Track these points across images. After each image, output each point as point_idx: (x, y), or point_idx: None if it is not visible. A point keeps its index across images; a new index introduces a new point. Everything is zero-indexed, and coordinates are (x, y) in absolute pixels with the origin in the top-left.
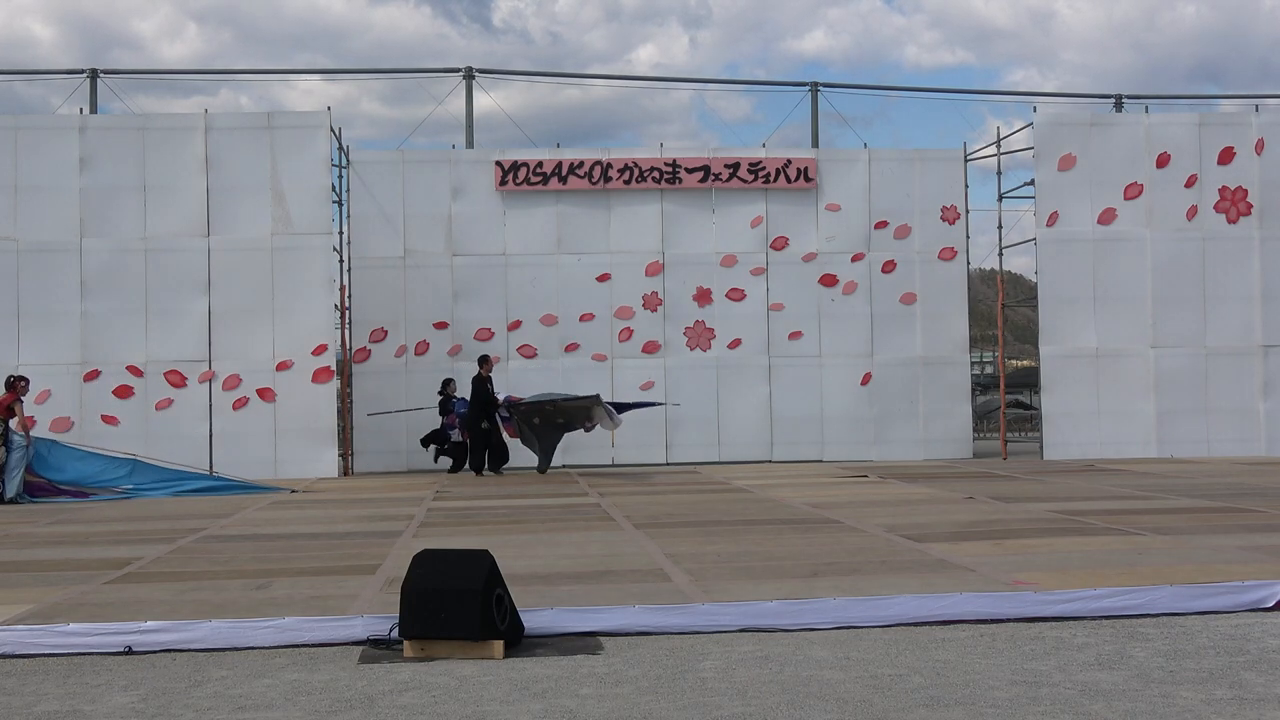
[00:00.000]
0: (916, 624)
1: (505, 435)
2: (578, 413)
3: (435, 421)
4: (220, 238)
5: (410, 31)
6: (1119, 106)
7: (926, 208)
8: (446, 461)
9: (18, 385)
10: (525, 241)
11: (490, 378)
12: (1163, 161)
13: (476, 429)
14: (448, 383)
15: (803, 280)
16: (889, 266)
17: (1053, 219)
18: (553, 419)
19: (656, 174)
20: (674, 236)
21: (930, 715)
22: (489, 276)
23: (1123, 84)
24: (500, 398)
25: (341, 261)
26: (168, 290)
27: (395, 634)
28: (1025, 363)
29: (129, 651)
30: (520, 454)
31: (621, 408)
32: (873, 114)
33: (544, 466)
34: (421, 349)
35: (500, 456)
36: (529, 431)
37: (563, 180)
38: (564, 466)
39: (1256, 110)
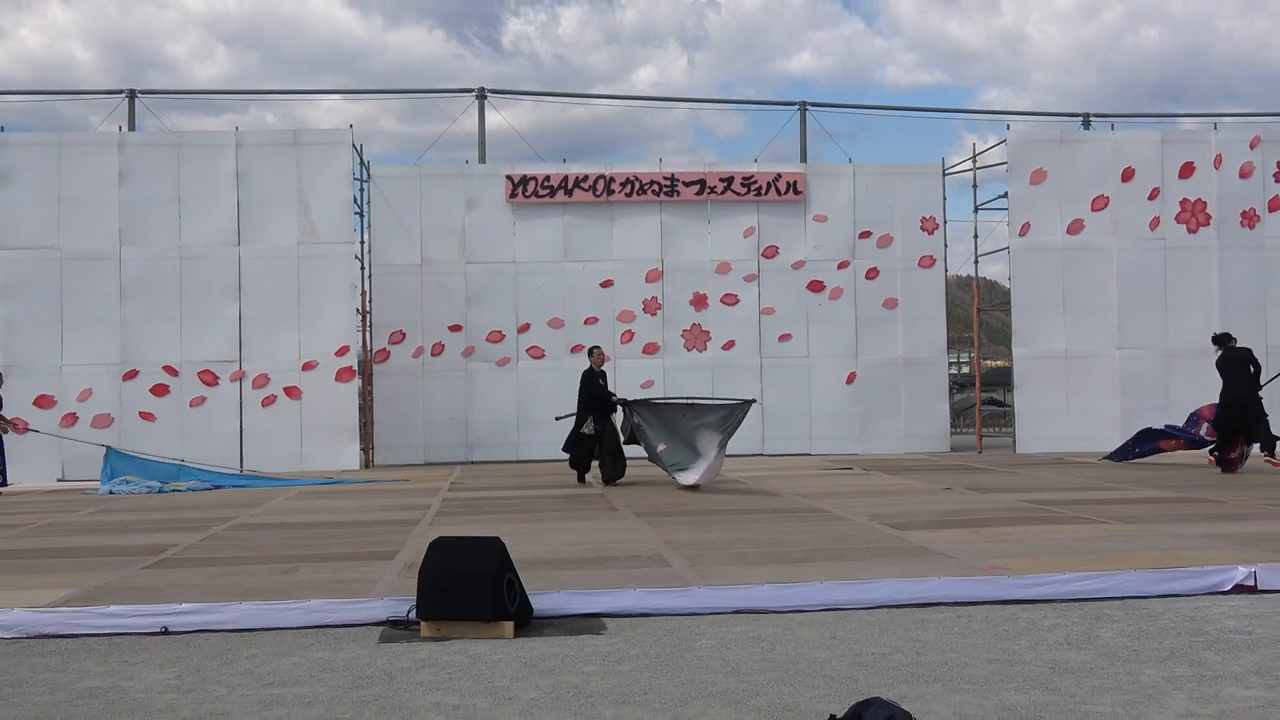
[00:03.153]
0: (898, 606)
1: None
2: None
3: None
4: (250, 246)
5: (425, 54)
6: (1087, 124)
7: (907, 218)
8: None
9: None
10: (534, 250)
11: (604, 372)
12: (1127, 176)
13: (580, 430)
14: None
15: (792, 286)
16: (872, 273)
17: (1025, 229)
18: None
19: (656, 187)
20: (672, 245)
21: (911, 691)
22: (500, 282)
23: (1090, 103)
24: (616, 398)
25: (363, 269)
26: (201, 295)
27: (413, 615)
28: (999, 363)
29: (165, 632)
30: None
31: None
32: (857, 130)
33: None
34: (437, 350)
35: (616, 467)
36: (645, 440)
37: (569, 193)
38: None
39: (1215, 128)
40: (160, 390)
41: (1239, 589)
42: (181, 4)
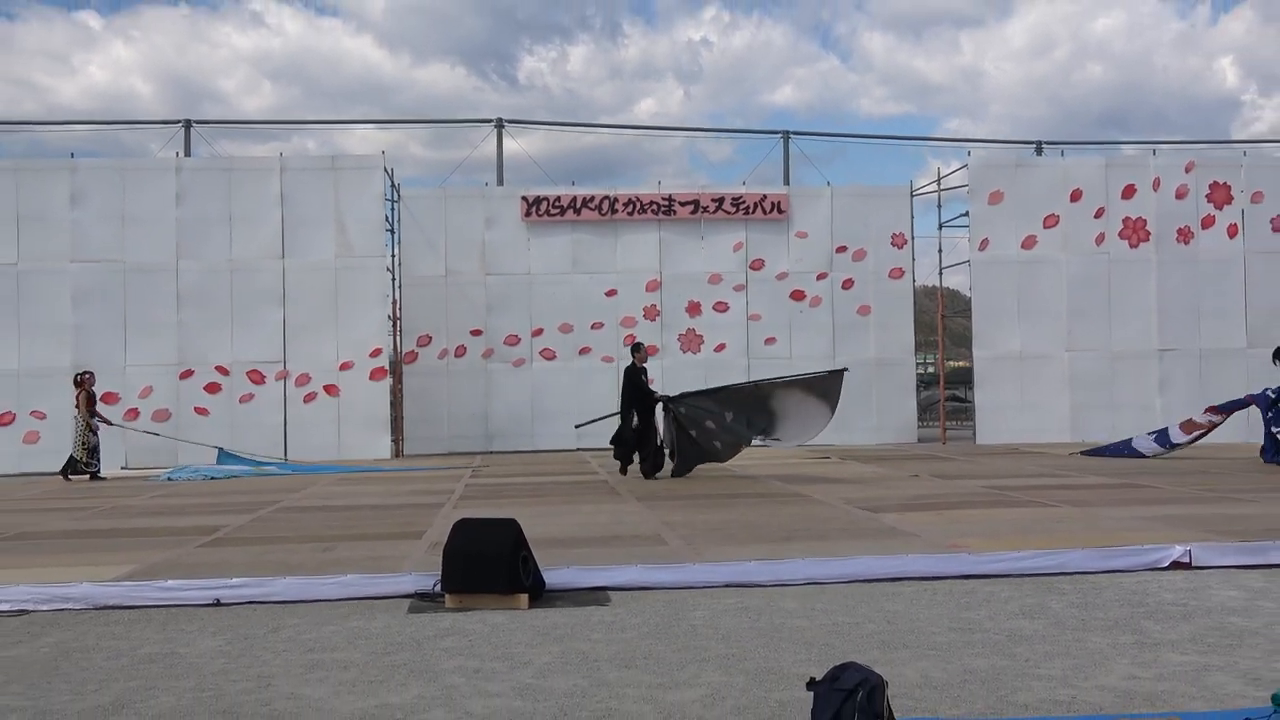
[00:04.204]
0: (871, 580)
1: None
2: (750, 407)
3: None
4: (293, 260)
5: (449, 88)
6: (1039, 150)
7: (879, 235)
8: None
9: (86, 380)
10: (546, 263)
11: (645, 368)
12: (1076, 196)
13: (628, 426)
14: None
15: (776, 295)
16: (848, 284)
17: (984, 244)
18: (722, 424)
19: (655, 207)
20: (669, 259)
21: (882, 656)
22: (516, 292)
23: (1042, 131)
24: (658, 395)
25: (393, 279)
26: (249, 303)
27: (438, 589)
28: (961, 364)
29: (217, 603)
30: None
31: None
32: (834, 156)
33: (681, 469)
34: (460, 352)
35: (657, 461)
36: (684, 434)
37: (577, 212)
38: (578, 450)
39: (1154, 154)
40: (213, 388)
41: (1175, 565)
42: (232, 44)
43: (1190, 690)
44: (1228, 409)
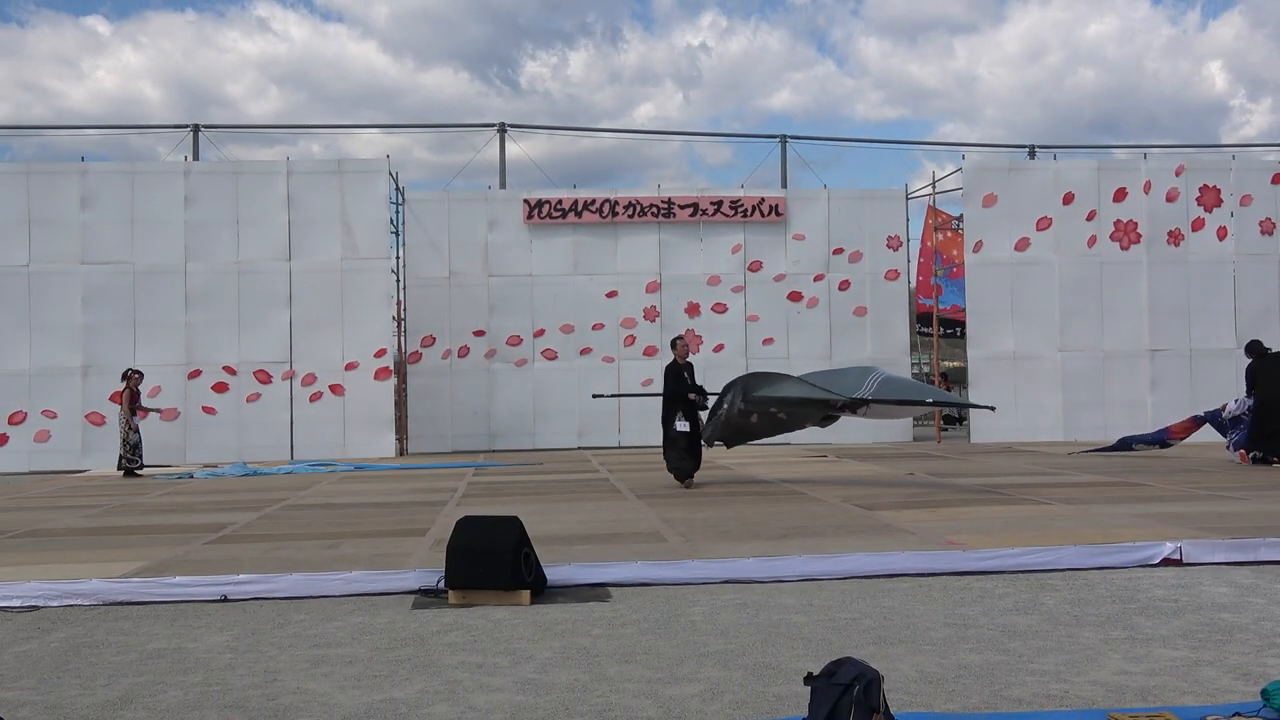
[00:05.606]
0: (867, 577)
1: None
2: (802, 415)
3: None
4: (299, 261)
5: (452, 92)
6: (1032, 154)
7: (875, 237)
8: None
9: (132, 377)
10: (548, 265)
11: (690, 364)
12: (1068, 199)
13: (671, 426)
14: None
15: (774, 296)
16: (844, 285)
17: (978, 246)
18: (768, 422)
19: (655, 209)
20: (669, 261)
21: (878, 651)
22: (518, 293)
23: (1035, 135)
24: (700, 395)
25: (398, 281)
26: (256, 304)
27: (442, 585)
28: (956, 364)
29: (225, 599)
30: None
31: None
32: (830, 160)
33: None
34: (463, 352)
35: (692, 463)
36: (727, 427)
37: (578, 215)
38: (579, 448)
39: (1145, 158)
40: (221, 388)
41: (1166, 562)
42: (239, 49)
43: (1181, 685)
44: (1200, 421)
